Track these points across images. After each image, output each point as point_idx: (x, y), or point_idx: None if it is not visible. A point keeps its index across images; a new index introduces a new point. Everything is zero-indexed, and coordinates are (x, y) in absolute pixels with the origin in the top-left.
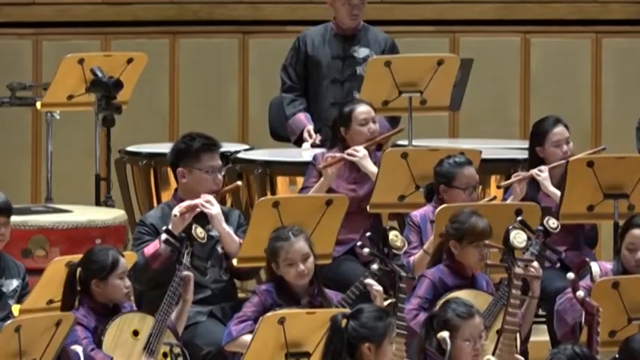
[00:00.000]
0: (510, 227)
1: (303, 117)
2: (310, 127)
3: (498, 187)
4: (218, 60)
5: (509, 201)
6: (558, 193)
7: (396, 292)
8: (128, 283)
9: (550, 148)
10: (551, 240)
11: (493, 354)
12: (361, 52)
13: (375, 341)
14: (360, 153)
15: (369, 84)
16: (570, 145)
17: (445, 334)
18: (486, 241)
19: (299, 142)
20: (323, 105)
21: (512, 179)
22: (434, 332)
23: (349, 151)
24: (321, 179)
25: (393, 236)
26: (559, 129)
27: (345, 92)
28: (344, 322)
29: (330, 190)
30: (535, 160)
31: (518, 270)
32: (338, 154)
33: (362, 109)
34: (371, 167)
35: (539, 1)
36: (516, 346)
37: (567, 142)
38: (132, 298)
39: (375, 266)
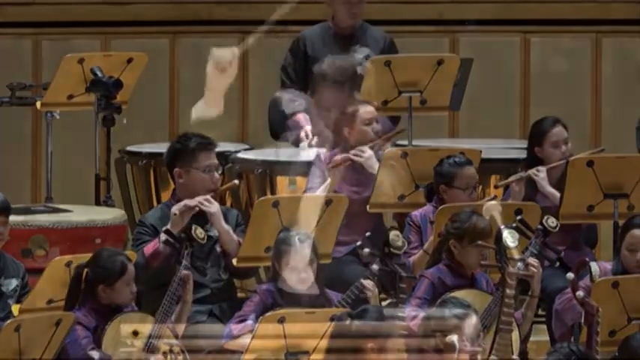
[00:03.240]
0: (502, 227)
1: (302, 117)
2: (308, 127)
3: (495, 187)
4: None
5: (508, 202)
6: (556, 193)
7: (396, 292)
8: (134, 288)
9: (549, 148)
10: (551, 239)
11: (489, 354)
12: (361, 51)
13: (376, 340)
14: (365, 154)
15: (369, 83)
16: (569, 146)
17: (453, 337)
18: (479, 242)
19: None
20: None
21: (510, 179)
22: (431, 332)
23: (355, 151)
24: (327, 181)
25: (394, 236)
26: (558, 129)
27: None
28: (348, 321)
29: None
30: (533, 160)
31: (511, 269)
32: (344, 155)
33: (366, 110)
34: (377, 167)
35: (539, 1)
36: (512, 346)
37: (566, 142)
38: None
39: (375, 266)
